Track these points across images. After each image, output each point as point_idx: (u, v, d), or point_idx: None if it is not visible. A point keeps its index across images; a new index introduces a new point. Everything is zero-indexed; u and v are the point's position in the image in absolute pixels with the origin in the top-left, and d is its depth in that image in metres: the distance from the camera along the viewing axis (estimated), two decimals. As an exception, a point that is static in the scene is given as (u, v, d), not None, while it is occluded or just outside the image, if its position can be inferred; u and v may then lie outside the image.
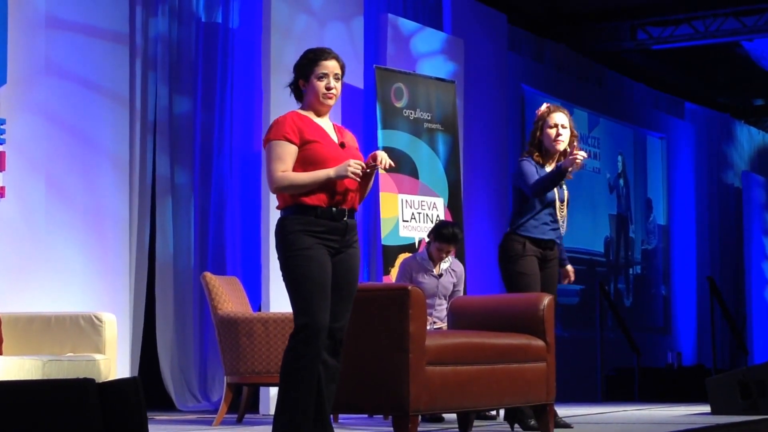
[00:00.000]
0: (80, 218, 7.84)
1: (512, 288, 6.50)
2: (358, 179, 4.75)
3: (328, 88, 4.84)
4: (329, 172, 4.71)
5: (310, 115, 4.87)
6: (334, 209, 4.76)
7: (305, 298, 4.67)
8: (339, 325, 4.78)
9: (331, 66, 4.86)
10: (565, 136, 6.61)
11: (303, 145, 4.76)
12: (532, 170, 6.50)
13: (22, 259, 7.43)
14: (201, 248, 9.28)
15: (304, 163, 4.75)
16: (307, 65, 4.86)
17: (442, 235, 7.88)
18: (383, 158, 4.79)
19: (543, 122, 6.63)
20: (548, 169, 6.57)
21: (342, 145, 4.86)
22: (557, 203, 6.59)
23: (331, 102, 4.88)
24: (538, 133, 6.64)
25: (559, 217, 6.61)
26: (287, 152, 4.75)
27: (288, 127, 4.77)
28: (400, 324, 5.12)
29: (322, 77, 4.84)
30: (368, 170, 4.77)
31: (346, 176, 4.69)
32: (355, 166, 4.68)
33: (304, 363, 4.65)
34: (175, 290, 9.02)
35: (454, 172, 9.91)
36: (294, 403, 4.67)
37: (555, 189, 6.57)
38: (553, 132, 6.60)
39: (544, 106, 6.70)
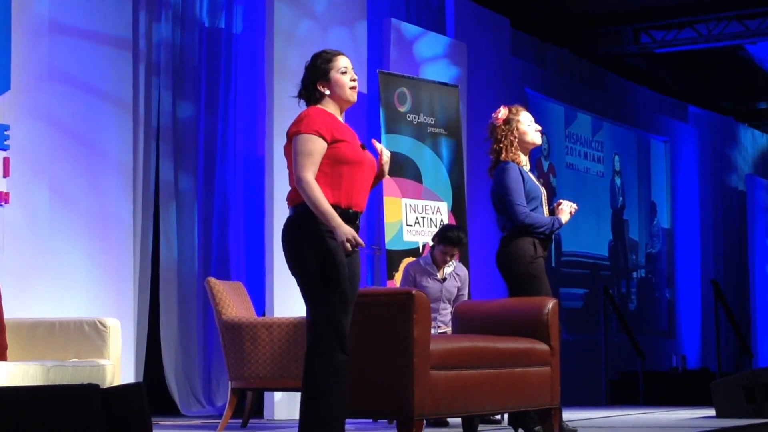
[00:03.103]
0: (84, 224, 7.84)
1: (521, 291, 6.40)
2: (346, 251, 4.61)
3: (353, 80, 4.80)
4: (337, 223, 4.54)
5: (334, 113, 4.80)
6: (350, 211, 4.69)
7: (334, 306, 4.58)
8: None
9: (348, 62, 4.82)
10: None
11: (333, 142, 4.66)
12: (520, 187, 6.45)
13: (26, 264, 7.43)
14: (205, 253, 9.29)
15: (333, 160, 4.65)
16: (325, 63, 4.78)
17: (447, 238, 7.88)
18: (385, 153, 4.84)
19: (516, 123, 6.58)
20: (524, 159, 6.56)
21: (363, 146, 4.82)
22: (543, 200, 6.59)
23: (355, 96, 4.83)
24: (511, 136, 6.56)
25: (546, 214, 6.61)
26: (317, 148, 4.63)
27: (320, 123, 4.66)
28: (404, 329, 5.12)
29: (344, 71, 4.79)
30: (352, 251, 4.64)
31: (342, 243, 4.54)
32: (349, 244, 4.54)
33: (337, 369, 4.58)
34: (180, 295, 9.03)
35: (457, 177, 9.91)
36: (330, 410, 4.59)
37: (541, 187, 6.58)
38: (531, 128, 6.60)
39: (508, 110, 6.64)
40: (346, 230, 4.54)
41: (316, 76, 4.79)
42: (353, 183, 4.70)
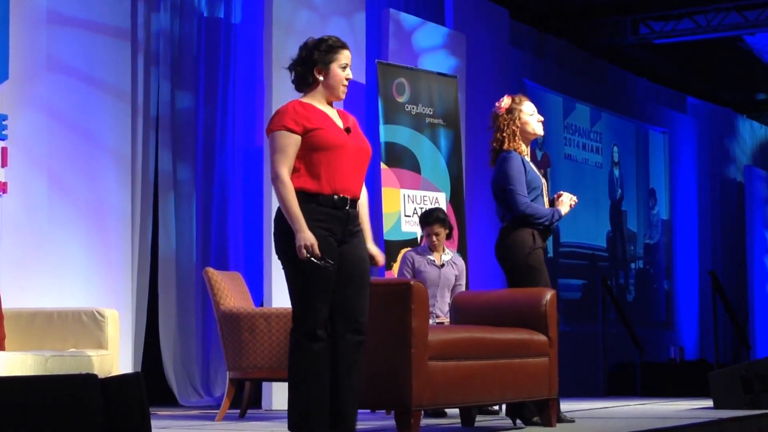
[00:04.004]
0: (82, 214, 7.84)
1: (519, 281, 6.39)
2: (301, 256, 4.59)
3: (348, 79, 4.82)
4: (301, 228, 4.57)
5: (314, 102, 4.80)
6: (336, 197, 4.70)
7: (307, 300, 4.64)
8: (363, 318, 4.75)
9: (349, 57, 4.84)
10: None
11: (307, 133, 4.68)
12: (522, 177, 6.43)
13: (24, 254, 7.43)
14: (203, 244, 9.28)
15: (310, 149, 4.67)
16: (328, 53, 4.78)
17: (425, 220, 8.02)
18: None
19: (518, 112, 6.56)
20: (525, 149, 6.54)
21: (348, 130, 4.82)
22: (544, 191, 6.58)
23: (344, 94, 4.85)
24: (514, 125, 6.54)
25: (546, 205, 6.59)
26: (289, 143, 4.67)
27: (289, 117, 4.69)
28: (402, 319, 5.12)
29: (344, 67, 4.80)
30: (314, 260, 4.58)
31: (299, 248, 4.56)
32: (305, 251, 4.54)
33: (313, 359, 4.64)
34: (178, 286, 9.03)
35: (456, 167, 9.91)
36: (305, 397, 4.65)
37: (542, 178, 6.57)
38: (533, 118, 6.59)
39: (511, 99, 6.63)
40: (307, 236, 4.57)
41: (316, 60, 4.79)
42: (334, 168, 4.70)
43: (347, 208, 4.74)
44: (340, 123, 4.82)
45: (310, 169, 4.68)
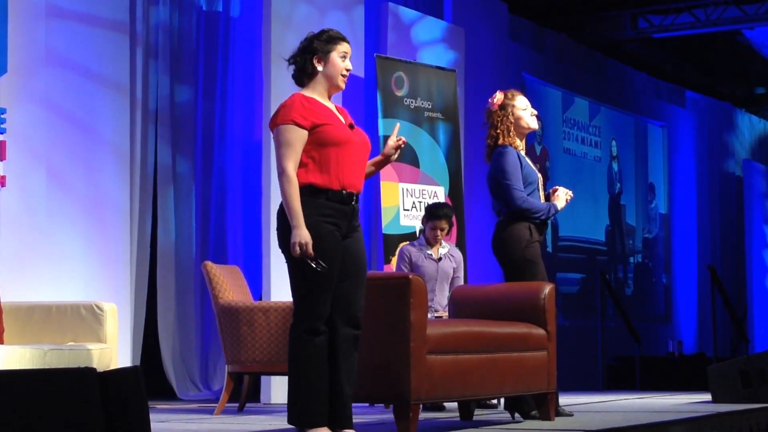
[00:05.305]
0: (81, 208, 7.84)
1: (517, 275, 6.40)
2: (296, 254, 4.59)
3: (348, 70, 4.83)
4: (298, 224, 4.56)
5: (316, 96, 4.81)
6: (344, 192, 4.72)
7: (309, 295, 4.66)
8: (360, 313, 4.78)
9: (349, 49, 4.86)
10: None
11: (314, 128, 4.69)
12: (518, 172, 6.42)
13: (23, 248, 7.43)
14: (202, 237, 9.29)
15: (317, 144, 4.69)
16: (329, 42, 4.80)
17: (434, 213, 7.93)
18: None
19: (512, 107, 6.56)
20: (520, 144, 6.54)
21: (351, 126, 4.84)
22: (540, 185, 6.58)
23: (344, 84, 4.86)
24: (507, 121, 6.54)
25: (542, 199, 6.59)
26: (296, 137, 4.68)
27: (296, 112, 4.70)
28: (401, 313, 5.12)
29: (344, 57, 4.82)
30: (312, 262, 4.59)
31: (293, 244, 4.57)
32: (297, 249, 4.54)
33: (312, 352, 4.66)
34: (177, 279, 9.03)
35: (454, 161, 9.91)
36: (306, 391, 4.66)
37: (538, 172, 6.57)
38: (526, 113, 6.58)
39: (503, 95, 6.62)
40: (303, 234, 4.57)
41: (316, 49, 4.81)
42: (342, 164, 4.72)
43: (353, 203, 4.76)
44: (342, 118, 4.84)
45: (320, 164, 4.69)
